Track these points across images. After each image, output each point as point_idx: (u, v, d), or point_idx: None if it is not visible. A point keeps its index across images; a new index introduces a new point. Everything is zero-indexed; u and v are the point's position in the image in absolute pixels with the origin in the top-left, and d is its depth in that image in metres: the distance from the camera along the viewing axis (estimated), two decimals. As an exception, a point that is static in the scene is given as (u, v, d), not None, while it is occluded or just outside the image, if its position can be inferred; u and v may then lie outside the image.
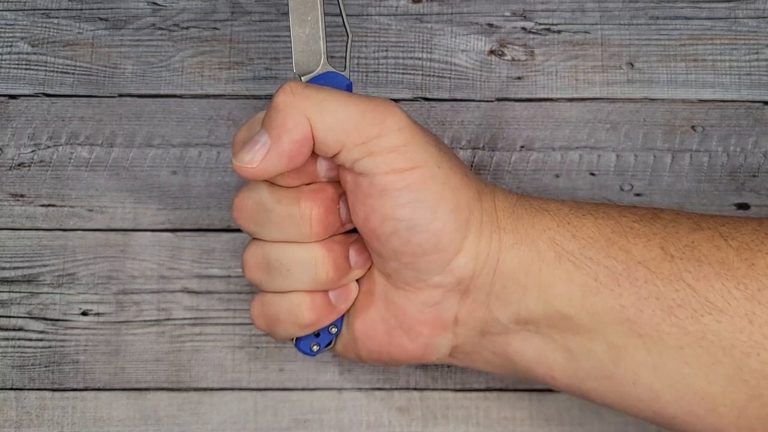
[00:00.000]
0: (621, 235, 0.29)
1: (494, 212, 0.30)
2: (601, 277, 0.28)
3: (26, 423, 0.36)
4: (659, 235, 0.29)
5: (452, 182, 0.29)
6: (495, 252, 0.29)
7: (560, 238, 0.29)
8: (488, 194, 0.30)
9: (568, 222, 0.29)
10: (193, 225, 0.38)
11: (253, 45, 0.39)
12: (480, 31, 0.39)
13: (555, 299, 0.29)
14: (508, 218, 0.30)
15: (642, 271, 0.28)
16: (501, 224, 0.29)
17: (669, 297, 0.28)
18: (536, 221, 0.30)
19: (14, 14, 0.39)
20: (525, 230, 0.29)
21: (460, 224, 0.28)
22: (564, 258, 0.29)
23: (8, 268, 0.38)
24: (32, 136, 0.38)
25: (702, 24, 0.39)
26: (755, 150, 0.38)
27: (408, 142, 0.28)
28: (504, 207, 0.30)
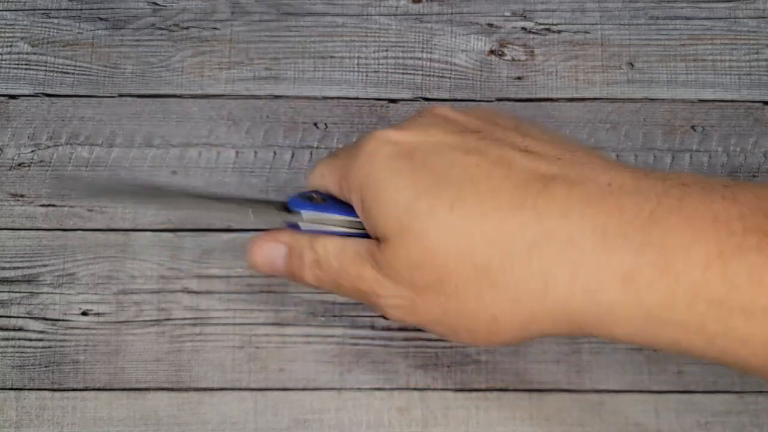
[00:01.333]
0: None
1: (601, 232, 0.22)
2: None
3: (26, 423, 0.36)
4: None
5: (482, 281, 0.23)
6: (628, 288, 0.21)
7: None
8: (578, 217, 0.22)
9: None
10: (193, 225, 0.38)
11: (253, 45, 0.39)
12: (480, 31, 0.39)
13: (739, 349, 0.21)
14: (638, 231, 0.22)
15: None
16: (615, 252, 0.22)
17: None
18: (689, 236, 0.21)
19: (14, 14, 0.39)
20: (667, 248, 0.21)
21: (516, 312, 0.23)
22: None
23: (8, 268, 0.38)
24: (32, 136, 0.38)
25: (702, 24, 0.39)
26: (755, 150, 0.38)
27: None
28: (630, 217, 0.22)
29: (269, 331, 0.37)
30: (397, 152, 0.25)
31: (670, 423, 0.36)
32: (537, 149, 0.25)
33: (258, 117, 0.39)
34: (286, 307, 0.37)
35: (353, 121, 0.39)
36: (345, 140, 0.39)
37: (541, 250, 0.22)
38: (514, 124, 0.27)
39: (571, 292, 0.22)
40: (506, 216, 0.23)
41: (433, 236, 0.23)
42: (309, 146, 0.39)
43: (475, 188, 0.23)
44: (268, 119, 0.39)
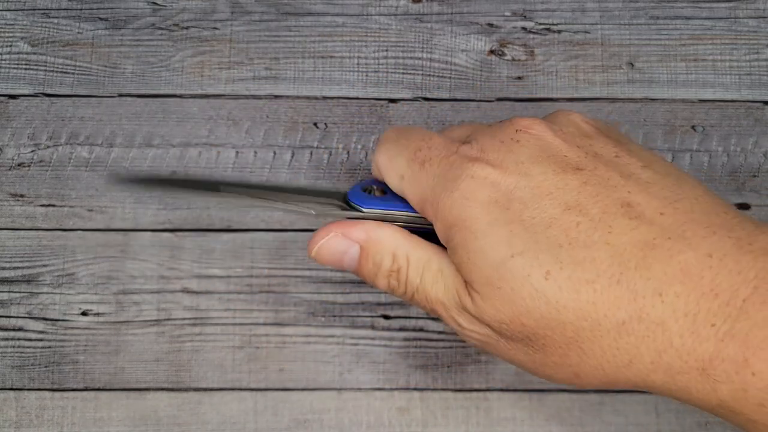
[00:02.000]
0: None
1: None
2: None
3: (26, 423, 0.36)
4: None
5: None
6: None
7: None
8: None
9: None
10: (193, 225, 0.38)
11: (253, 45, 0.39)
12: (480, 31, 0.39)
13: None
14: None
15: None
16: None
17: None
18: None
19: (14, 14, 0.39)
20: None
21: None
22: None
23: (8, 268, 0.38)
24: (32, 136, 0.38)
25: (702, 24, 0.39)
26: (755, 150, 0.38)
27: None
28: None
29: (269, 331, 0.37)
30: (495, 199, 0.24)
31: (670, 423, 0.36)
32: (639, 197, 0.24)
33: (258, 117, 0.39)
34: (286, 307, 0.37)
35: (353, 121, 0.39)
36: (345, 140, 0.38)
37: (631, 328, 0.22)
38: (615, 149, 0.26)
39: (654, 370, 0.22)
40: (602, 291, 0.22)
41: (525, 301, 0.23)
42: (309, 146, 0.39)
43: (573, 256, 0.23)
44: (268, 119, 0.39)
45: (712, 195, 0.25)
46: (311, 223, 0.38)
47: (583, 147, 0.25)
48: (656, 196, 0.24)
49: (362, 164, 0.38)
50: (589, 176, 0.24)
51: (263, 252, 0.38)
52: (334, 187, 0.29)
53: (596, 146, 0.26)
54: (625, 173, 0.24)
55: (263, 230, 0.38)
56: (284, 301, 0.37)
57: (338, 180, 0.38)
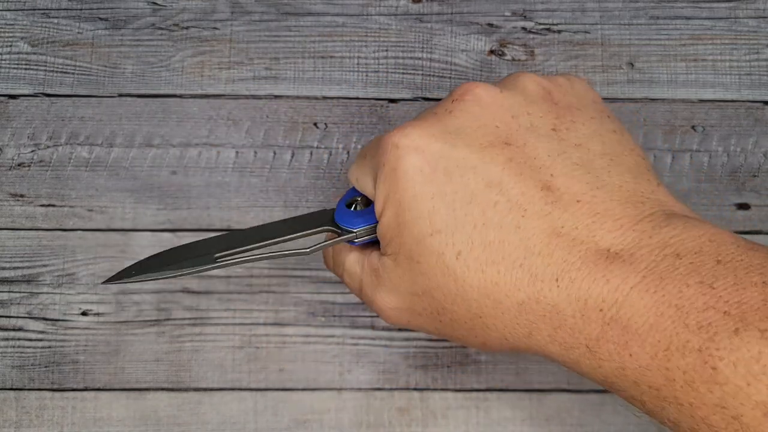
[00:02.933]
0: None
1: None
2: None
3: (26, 423, 0.36)
4: None
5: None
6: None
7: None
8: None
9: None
10: (192, 225, 0.38)
11: (253, 45, 0.39)
12: (480, 31, 0.39)
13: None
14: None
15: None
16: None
17: None
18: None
19: (14, 14, 0.39)
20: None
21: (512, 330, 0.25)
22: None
23: (8, 268, 0.37)
24: (32, 136, 0.38)
25: (702, 24, 0.39)
26: (755, 150, 0.38)
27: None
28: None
29: (269, 331, 0.37)
30: (420, 168, 0.25)
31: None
32: (560, 181, 0.24)
33: (258, 117, 0.39)
34: (286, 307, 0.37)
35: (353, 121, 0.39)
36: (345, 140, 0.38)
37: (530, 308, 0.24)
38: (556, 120, 0.26)
39: (551, 342, 0.24)
40: (504, 273, 0.24)
41: (437, 277, 0.25)
42: (309, 146, 0.39)
43: (484, 237, 0.24)
44: (268, 119, 0.39)
45: (642, 176, 0.25)
46: (311, 223, 0.38)
47: (518, 117, 0.26)
48: (579, 180, 0.24)
49: (362, 164, 0.38)
50: (515, 153, 0.25)
51: (263, 252, 0.38)
52: (319, 207, 0.30)
53: (534, 116, 0.26)
54: (555, 151, 0.25)
55: (263, 230, 0.38)
56: (284, 301, 0.37)
57: (338, 180, 0.38)
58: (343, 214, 0.29)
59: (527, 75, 0.27)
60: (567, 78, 0.28)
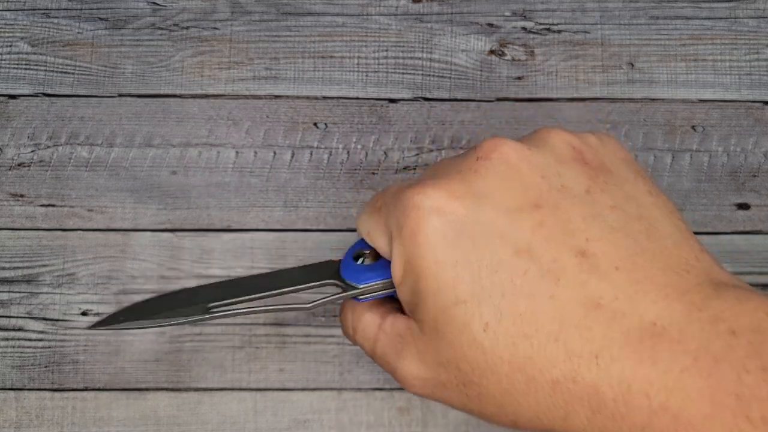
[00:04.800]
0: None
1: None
2: None
3: (26, 423, 0.36)
4: None
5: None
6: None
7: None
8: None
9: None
10: (193, 225, 0.38)
11: (253, 45, 0.39)
12: (480, 31, 0.39)
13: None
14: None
15: None
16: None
17: None
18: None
19: (14, 14, 0.39)
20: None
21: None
22: None
23: (8, 268, 0.38)
24: (32, 136, 0.38)
25: (702, 24, 0.39)
26: (755, 150, 0.38)
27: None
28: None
29: (269, 331, 0.37)
30: (443, 233, 0.23)
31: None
32: (597, 246, 0.22)
33: (258, 117, 0.39)
34: (286, 307, 0.37)
35: (353, 121, 0.39)
36: (345, 140, 0.38)
37: (566, 387, 0.22)
38: (589, 181, 0.24)
39: (590, 426, 0.22)
40: (538, 347, 0.22)
41: (463, 348, 0.23)
42: (309, 146, 0.39)
43: (514, 308, 0.22)
44: (268, 119, 0.39)
45: (683, 242, 0.23)
46: (311, 224, 0.38)
47: (548, 177, 0.24)
48: (617, 245, 0.22)
49: (362, 164, 0.38)
50: (546, 216, 0.23)
51: (263, 252, 0.38)
52: (326, 258, 0.28)
53: (566, 176, 0.24)
54: (590, 214, 0.23)
55: (263, 230, 0.38)
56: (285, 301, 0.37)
57: (338, 180, 0.38)
58: (349, 267, 0.27)
59: (556, 132, 0.25)
60: (597, 136, 0.26)
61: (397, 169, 0.38)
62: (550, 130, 0.25)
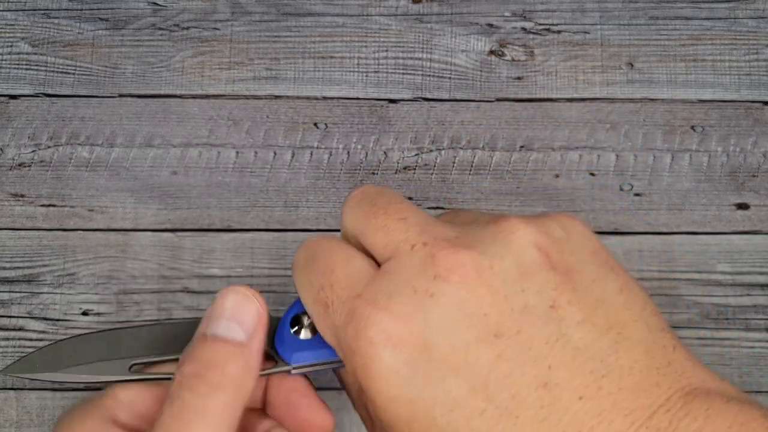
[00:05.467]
0: None
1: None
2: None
3: (26, 423, 0.36)
4: None
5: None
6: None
7: None
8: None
9: None
10: (193, 225, 0.38)
11: (253, 45, 0.39)
12: (480, 32, 0.39)
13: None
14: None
15: None
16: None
17: None
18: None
19: (15, 14, 0.39)
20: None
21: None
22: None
23: (9, 268, 0.38)
24: (33, 136, 0.38)
25: (702, 24, 0.39)
26: (755, 150, 0.38)
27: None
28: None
29: (269, 330, 0.37)
30: (396, 369, 0.21)
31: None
32: (560, 374, 0.21)
33: (258, 117, 0.39)
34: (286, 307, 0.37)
35: (353, 121, 0.39)
36: (345, 140, 0.39)
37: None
38: (554, 291, 0.22)
39: None
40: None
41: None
42: (309, 146, 0.39)
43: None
44: (269, 119, 0.39)
45: (655, 345, 0.22)
46: (311, 224, 0.38)
47: (511, 297, 0.22)
48: (581, 371, 0.21)
49: (362, 164, 0.38)
50: (507, 345, 0.21)
51: (263, 252, 0.38)
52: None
53: (530, 292, 0.22)
54: (554, 335, 0.21)
55: (263, 230, 0.38)
56: (285, 301, 0.37)
57: (338, 180, 0.38)
58: (284, 338, 0.25)
59: (521, 233, 0.23)
60: (562, 225, 0.24)
61: (397, 169, 0.38)
62: (515, 228, 0.23)
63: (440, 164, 0.38)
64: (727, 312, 0.37)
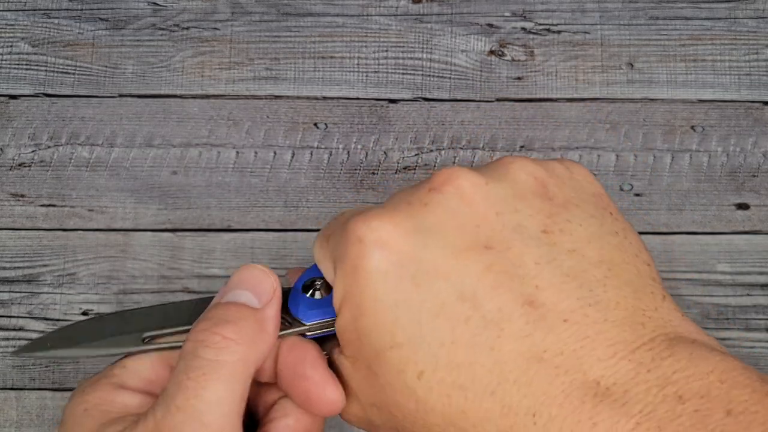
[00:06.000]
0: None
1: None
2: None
3: (27, 423, 0.36)
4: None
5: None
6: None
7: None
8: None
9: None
10: (193, 225, 0.38)
11: (253, 45, 0.39)
12: (480, 32, 0.39)
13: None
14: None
15: None
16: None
17: None
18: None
19: (15, 14, 0.39)
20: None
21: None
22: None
23: (9, 268, 0.38)
24: (33, 136, 0.38)
25: (702, 24, 0.39)
26: (755, 150, 0.38)
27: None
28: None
29: (269, 330, 0.37)
30: (385, 270, 0.21)
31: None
32: (547, 295, 0.21)
33: (258, 117, 0.39)
34: (287, 306, 0.37)
35: (353, 121, 0.39)
36: (345, 140, 0.39)
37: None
38: (548, 219, 0.22)
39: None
40: (473, 400, 0.20)
41: (396, 395, 0.22)
42: (309, 146, 0.39)
43: (452, 357, 0.21)
44: (269, 119, 0.39)
45: (644, 290, 0.21)
46: (311, 223, 0.38)
47: (503, 215, 0.22)
48: (569, 295, 0.21)
49: (362, 164, 0.38)
50: (496, 258, 0.21)
51: (264, 252, 0.38)
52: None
53: (523, 213, 0.22)
54: (544, 259, 0.21)
55: (263, 230, 0.38)
56: (284, 300, 0.37)
57: (338, 180, 0.38)
58: (298, 300, 0.25)
59: (519, 162, 0.23)
60: (566, 166, 0.24)
61: (397, 169, 0.38)
62: (514, 159, 0.23)
63: (440, 164, 0.38)
64: (727, 312, 0.37)
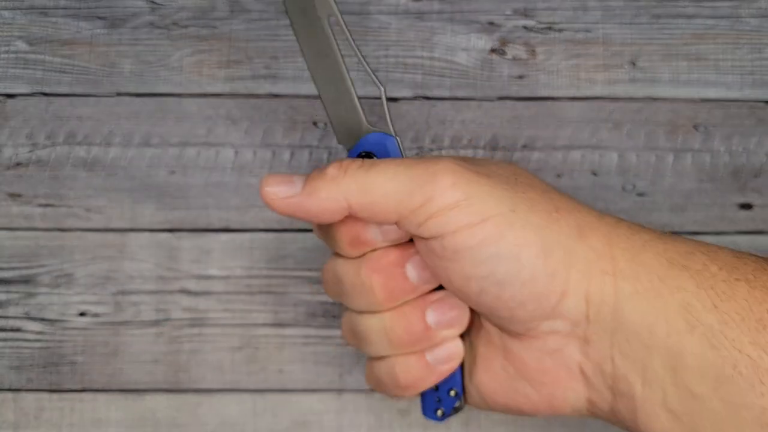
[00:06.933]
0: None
1: (608, 251, 0.26)
2: (740, 366, 0.23)
3: (24, 424, 0.36)
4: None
5: (534, 222, 0.26)
6: (610, 297, 0.25)
7: (697, 304, 0.24)
8: (599, 231, 0.26)
9: (711, 286, 0.24)
10: (191, 225, 0.38)
11: (251, 43, 0.39)
12: (481, 30, 0.39)
13: (684, 371, 0.24)
14: (628, 262, 0.25)
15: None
16: (617, 267, 0.25)
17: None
18: (669, 276, 0.25)
19: (12, 13, 0.39)
20: (650, 282, 0.25)
21: (553, 267, 0.25)
22: (697, 330, 0.24)
23: (6, 269, 0.37)
24: (30, 136, 0.38)
25: (705, 23, 0.39)
26: (758, 149, 0.38)
27: (467, 196, 0.25)
28: (624, 248, 0.26)
29: (268, 332, 0.37)
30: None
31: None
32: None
33: (257, 116, 0.38)
34: (286, 307, 0.37)
35: (353, 120, 0.38)
36: (345, 140, 0.38)
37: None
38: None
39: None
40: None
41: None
42: (308, 145, 0.38)
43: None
44: (267, 118, 0.38)
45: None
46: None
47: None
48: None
49: (362, 164, 0.38)
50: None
51: (262, 252, 0.37)
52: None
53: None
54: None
55: (262, 230, 0.38)
56: (284, 301, 0.37)
57: (338, 180, 0.38)
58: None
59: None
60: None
61: (397, 169, 0.38)
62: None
63: (441, 164, 0.38)
64: (730, 313, 0.36)
